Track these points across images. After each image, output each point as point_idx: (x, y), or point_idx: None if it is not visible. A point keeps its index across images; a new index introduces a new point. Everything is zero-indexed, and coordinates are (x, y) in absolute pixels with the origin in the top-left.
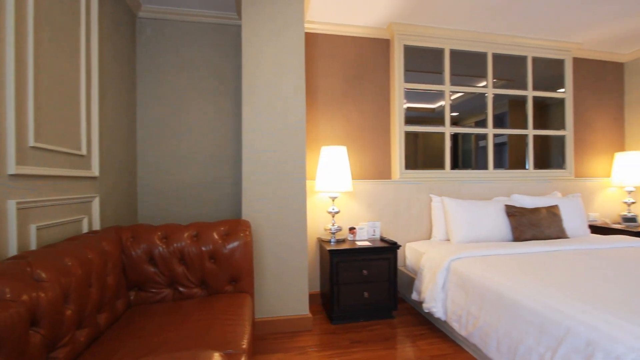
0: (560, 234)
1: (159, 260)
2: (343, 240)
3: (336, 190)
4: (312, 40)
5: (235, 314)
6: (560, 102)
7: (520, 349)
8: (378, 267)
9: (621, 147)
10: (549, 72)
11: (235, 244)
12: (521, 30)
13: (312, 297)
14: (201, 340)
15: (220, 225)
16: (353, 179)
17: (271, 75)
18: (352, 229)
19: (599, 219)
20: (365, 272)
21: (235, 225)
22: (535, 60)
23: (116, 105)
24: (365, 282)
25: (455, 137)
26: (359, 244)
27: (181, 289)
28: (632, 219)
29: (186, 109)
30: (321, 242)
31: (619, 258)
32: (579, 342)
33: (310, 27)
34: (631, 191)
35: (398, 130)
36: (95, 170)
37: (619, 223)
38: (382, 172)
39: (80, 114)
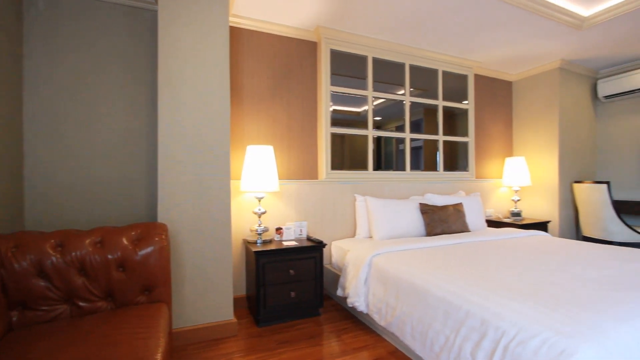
0: (464, 228)
1: (52, 272)
2: (270, 241)
3: (262, 190)
4: (238, 35)
5: (148, 327)
6: (465, 112)
7: (430, 333)
8: (305, 266)
9: (510, 153)
10: (456, 85)
11: (149, 249)
12: (433, 45)
13: (237, 300)
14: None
15: (130, 230)
16: (280, 179)
17: (192, 68)
18: (278, 229)
19: (494, 214)
20: (292, 271)
21: (150, 229)
22: (445, 73)
23: None
24: (292, 282)
25: (378, 140)
26: (286, 244)
27: (82, 303)
28: (518, 214)
29: (90, 99)
30: (247, 244)
31: (508, 247)
32: (476, 322)
33: (235, 22)
34: (517, 190)
35: (324, 132)
36: None
37: (509, 217)
38: (308, 172)
39: None
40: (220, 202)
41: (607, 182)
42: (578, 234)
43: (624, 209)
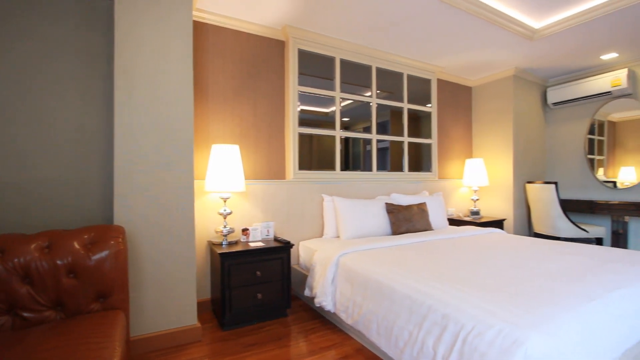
0: (427, 227)
1: None
2: (235, 242)
3: (228, 191)
4: (202, 30)
5: (102, 336)
6: (429, 115)
7: (394, 329)
8: (272, 267)
9: (470, 155)
10: (421, 88)
11: (104, 253)
12: (399, 50)
13: (202, 304)
14: None
15: (83, 233)
16: (246, 179)
17: (153, 61)
18: (245, 230)
19: (455, 213)
20: (258, 273)
21: (104, 232)
22: (410, 77)
23: None
24: (259, 283)
25: (346, 141)
26: (252, 245)
27: (26, 314)
28: (477, 213)
29: (39, 92)
30: (212, 246)
31: (468, 244)
32: (437, 316)
33: (200, 16)
34: (476, 190)
35: (292, 132)
36: None
37: (468, 216)
38: (276, 172)
39: None
40: (184, 203)
41: (555, 183)
42: (530, 231)
43: (570, 207)
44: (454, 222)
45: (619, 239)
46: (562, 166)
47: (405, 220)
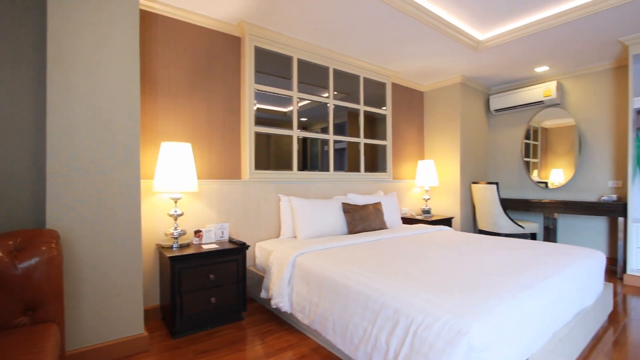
0: (382, 226)
1: None
2: (187, 245)
3: (179, 191)
4: (152, 20)
5: (30, 352)
6: (384, 117)
7: (350, 326)
8: (226, 270)
9: (422, 156)
10: (376, 91)
11: (34, 261)
12: (355, 53)
13: (150, 312)
14: None
15: (8, 238)
16: (199, 178)
17: (92, 49)
18: (197, 232)
19: (408, 212)
20: (212, 276)
21: (34, 237)
22: (366, 80)
23: None
24: (213, 287)
25: (304, 141)
26: (206, 247)
27: None
28: (428, 211)
29: None
30: (161, 249)
31: (419, 242)
32: (390, 312)
33: (149, 5)
34: (428, 190)
35: (248, 131)
36: None
37: (420, 215)
38: (231, 171)
39: None
40: (129, 204)
41: (496, 183)
42: (475, 228)
43: (509, 206)
44: (407, 220)
45: (550, 234)
46: (503, 168)
47: (361, 219)
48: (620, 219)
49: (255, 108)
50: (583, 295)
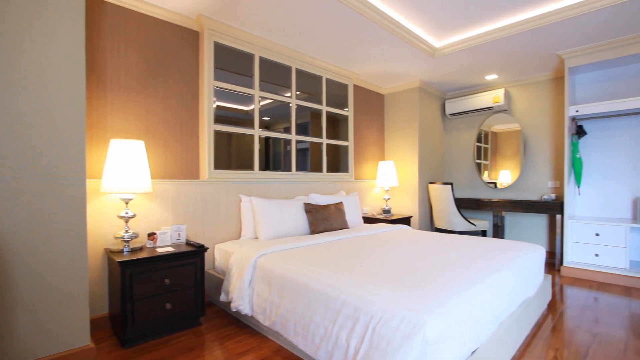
0: (344, 225)
1: None
2: (140, 249)
3: (131, 191)
4: (100, 8)
5: None
6: (346, 118)
7: (311, 326)
8: (183, 274)
9: (383, 157)
10: (339, 92)
11: None
12: (318, 53)
13: (98, 321)
14: None
15: None
16: (153, 178)
17: (28, 32)
18: (151, 235)
19: (369, 211)
20: (167, 281)
21: None
22: (329, 81)
23: None
24: (168, 292)
25: (267, 141)
26: (160, 250)
27: None
28: (388, 211)
29: None
30: (110, 254)
31: (380, 240)
32: (350, 310)
33: None
34: (388, 190)
35: (207, 129)
36: None
37: (381, 214)
38: (189, 171)
39: None
40: (72, 206)
41: (451, 183)
42: (432, 226)
43: (462, 205)
44: (368, 220)
45: (498, 231)
46: (457, 169)
47: (323, 219)
48: (558, 216)
49: (215, 106)
50: (526, 286)
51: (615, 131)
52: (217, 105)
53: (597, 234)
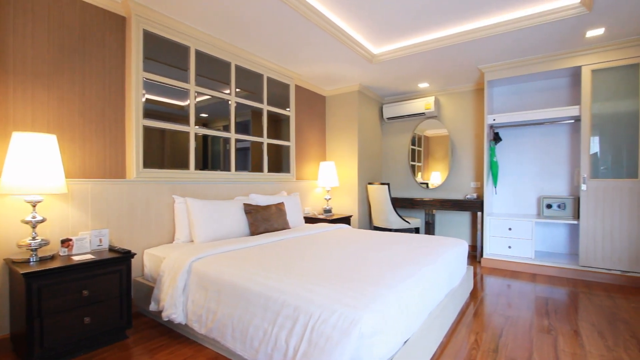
0: (285, 226)
1: None
2: (51, 258)
3: (39, 192)
4: None
5: None
6: (288, 118)
7: (250, 329)
8: (105, 284)
9: (324, 158)
10: (280, 92)
11: None
12: (259, 51)
13: None
14: None
15: None
16: (69, 177)
17: None
18: (65, 242)
19: (311, 211)
20: (85, 292)
21: None
22: (270, 80)
23: None
24: (87, 305)
25: (205, 139)
26: (77, 258)
27: None
28: (329, 210)
29: None
30: (11, 265)
31: (320, 240)
32: (290, 310)
33: None
34: (329, 190)
35: (135, 124)
36: None
37: (322, 214)
38: (113, 170)
39: None
40: None
41: (388, 184)
42: (371, 225)
43: (398, 204)
44: (309, 220)
45: (430, 228)
46: (393, 170)
47: (264, 220)
48: (479, 214)
49: (144, 99)
50: (452, 278)
51: (524, 138)
52: (147, 99)
53: (509, 229)
